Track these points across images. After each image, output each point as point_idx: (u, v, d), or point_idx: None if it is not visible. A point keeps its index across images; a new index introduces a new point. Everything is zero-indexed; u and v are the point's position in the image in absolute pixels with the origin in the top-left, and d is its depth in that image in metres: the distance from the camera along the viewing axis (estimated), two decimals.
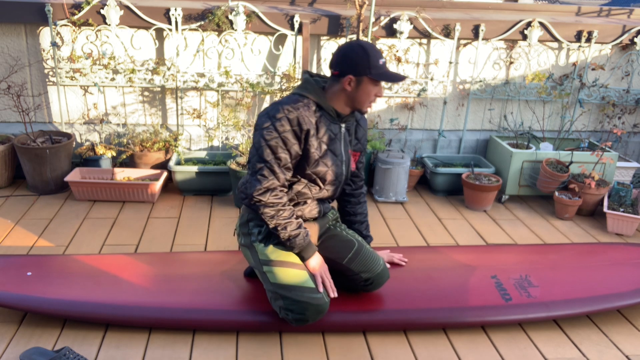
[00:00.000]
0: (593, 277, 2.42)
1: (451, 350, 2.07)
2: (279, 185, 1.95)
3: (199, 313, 2.08)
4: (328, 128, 1.99)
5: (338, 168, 2.05)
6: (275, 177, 1.92)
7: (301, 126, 1.90)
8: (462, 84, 3.83)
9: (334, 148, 2.02)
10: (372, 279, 2.15)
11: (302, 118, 1.90)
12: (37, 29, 3.37)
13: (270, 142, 1.89)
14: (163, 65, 3.45)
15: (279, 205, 1.94)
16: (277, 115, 1.89)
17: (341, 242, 2.17)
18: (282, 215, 1.95)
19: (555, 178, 3.38)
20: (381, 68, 1.92)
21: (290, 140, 1.91)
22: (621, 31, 3.77)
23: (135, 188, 3.23)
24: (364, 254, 2.15)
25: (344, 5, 3.72)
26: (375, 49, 1.92)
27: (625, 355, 2.10)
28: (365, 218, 2.34)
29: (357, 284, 2.16)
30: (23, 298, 2.07)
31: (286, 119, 1.89)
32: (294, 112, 1.89)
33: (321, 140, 1.98)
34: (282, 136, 1.89)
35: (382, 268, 2.18)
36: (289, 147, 1.91)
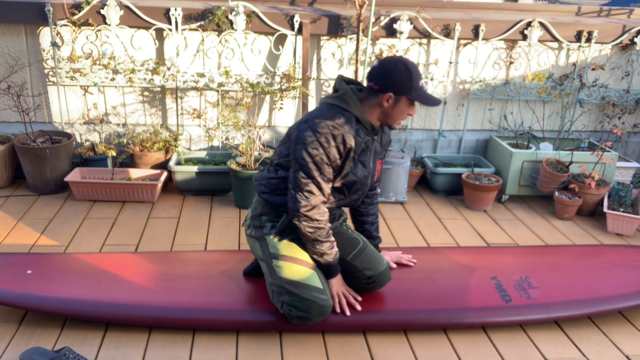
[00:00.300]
0: (593, 278, 2.42)
1: (451, 351, 2.07)
2: (325, 202, 1.99)
3: (199, 312, 2.08)
4: (362, 141, 1.99)
5: (365, 179, 2.06)
6: (322, 193, 1.96)
7: (345, 144, 1.93)
8: (462, 84, 3.83)
9: (364, 160, 2.02)
10: (375, 277, 2.16)
11: (347, 136, 1.92)
12: (37, 29, 3.37)
13: (316, 159, 1.91)
14: (163, 65, 3.45)
15: (322, 222, 1.98)
16: (322, 131, 1.90)
17: (346, 239, 2.20)
18: (322, 233, 1.99)
19: (555, 178, 3.38)
20: (421, 90, 1.95)
21: (334, 156, 1.92)
22: (621, 31, 3.77)
23: (135, 188, 3.23)
24: (368, 253, 2.19)
25: (344, 5, 3.72)
26: (417, 69, 1.94)
27: (625, 355, 2.10)
28: (375, 219, 2.37)
29: (359, 281, 2.17)
30: (23, 296, 2.07)
31: (331, 136, 1.90)
32: (338, 130, 1.90)
33: (356, 154, 1.99)
34: (327, 152, 1.91)
35: (385, 268, 2.20)
36: (332, 162, 1.94)
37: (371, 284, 2.18)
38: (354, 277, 2.17)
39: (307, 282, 2.00)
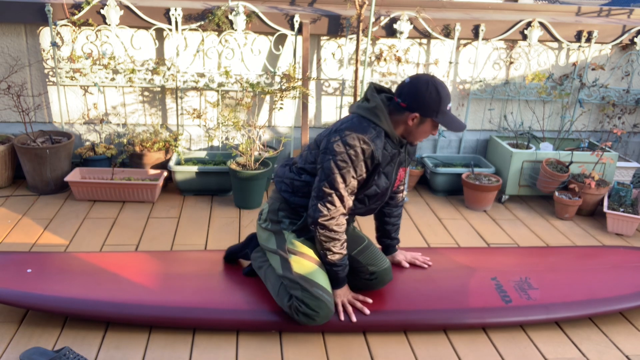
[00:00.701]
0: (592, 279, 2.42)
1: (451, 351, 2.07)
2: (343, 213, 1.99)
3: (199, 312, 2.08)
4: (389, 154, 2.00)
5: (386, 190, 2.07)
6: (343, 206, 1.97)
7: (373, 159, 1.94)
8: (462, 84, 3.83)
9: (388, 171, 2.03)
10: (377, 274, 2.18)
11: (377, 152, 1.93)
12: (37, 29, 3.37)
13: (343, 171, 1.92)
14: (163, 65, 3.45)
15: (339, 233, 2.00)
16: (351, 144, 1.90)
17: (352, 236, 2.23)
18: (337, 244, 2.01)
19: (555, 178, 3.38)
20: (447, 114, 1.96)
21: (361, 169, 1.94)
22: (621, 31, 3.77)
23: (135, 188, 3.23)
24: (372, 250, 2.22)
25: (344, 5, 3.72)
26: (447, 92, 1.94)
27: (625, 355, 2.10)
28: (397, 222, 2.40)
29: (362, 277, 2.19)
30: (23, 295, 2.07)
31: (361, 150, 1.91)
32: (368, 145, 1.91)
33: (381, 167, 2.00)
34: (355, 165, 1.92)
35: (388, 266, 2.23)
36: (358, 176, 1.95)
37: (373, 281, 2.20)
38: (358, 273, 2.19)
39: (321, 283, 2.02)
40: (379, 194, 2.05)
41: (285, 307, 2.05)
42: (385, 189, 2.06)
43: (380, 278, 2.20)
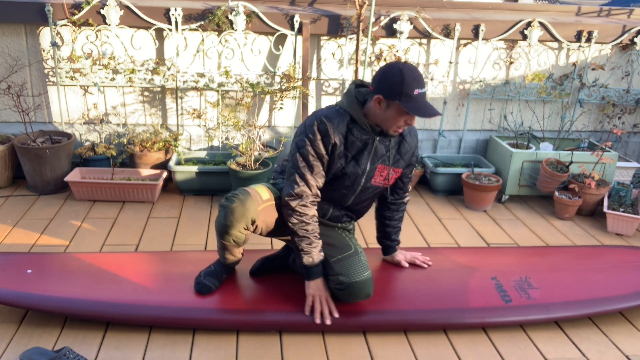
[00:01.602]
0: (593, 279, 2.42)
1: (451, 351, 2.07)
2: (310, 195, 2.01)
3: (199, 312, 2.08)
4: (356, 139, 2.01)
5: (355, 176, 2.06)
6: (306, 185, 1.99)
7: (329, 138, 1.97)
8: (462, 84, 3.83)
9: (358, 158, 2.04)
10: (346, 285, 2.04)
11: (332, 131, 1.97)
12: (37, 29, 3.37)
13: (302, 150, 1.98)
14: (163, 65, 3.45)
15: (304, 216, 2.01)
16: (310, 124, 1.98)
17: (340, 242, 2.17)
18: (304, 227, 2.01)
19: (555, 178, 3.38)
20: (413, 99, 1.89)
21: (319, 149, 1.98)
22: (621, 31, 3.77)
23: (135, 188, 3.23)
24: (353, 261, 2.10)
25: (344, 5, 3.72)
26: (414, 76, 1.88)
27: (625, 355, 2.10)
28: (398, 224, 2.40)
29: (331, 285, 2.09)
30: (23, 295, 2.07)
31: (317, 129, 1.97)
32: (325, 124, 1.96)
33: (348, 152, 2.01)
34: (314, 145, 1.97)
35: (363, 281, 2.05)
36: (320, 156, 1.98)
37: (341, 292, 2.06)
38: (328, 280, 2.10)
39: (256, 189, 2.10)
40: (346, 177, 2.04)
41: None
42: (354, 174, 2.05)
43: (348, 290, 2.05)
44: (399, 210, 2.37)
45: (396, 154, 2.13)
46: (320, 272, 2.09)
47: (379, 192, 2.20)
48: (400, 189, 2.32)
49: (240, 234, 2.06)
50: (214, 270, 2.24)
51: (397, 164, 2.15)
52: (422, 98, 1.91)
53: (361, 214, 2.30)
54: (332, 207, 2.18)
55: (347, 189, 2.09)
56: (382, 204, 2.38)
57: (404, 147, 2.15)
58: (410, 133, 2.18)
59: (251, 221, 2.03)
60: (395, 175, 2.18)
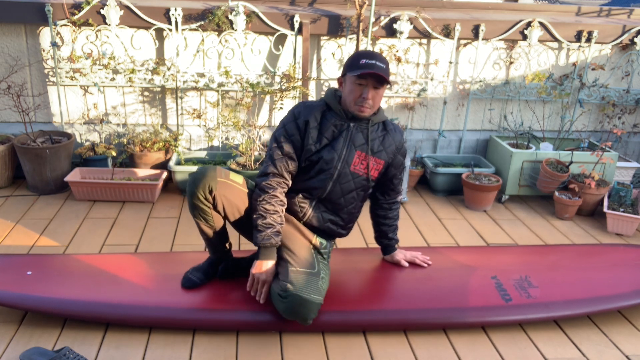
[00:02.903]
0: (593, 278, 2.42)
1: (451, 351, 2.07)
2: (277, 174, 2.07)
3: (199, 312, 2.08)
4: (333, 125, 2.09)
5: (331, 161, 2.08)
6: (274, 165, 2.07)
7: (302, 117, 2.07)
8: (462, 84, 3.83)
9: (334, 143, 2.09)
10: (289, 295, 1.92)
11: (306, 111, 2.08)
12: (37, 29, 3.37)
13: (276, 134, 2.10)
14: (163, 65, 3.45)
15: (266, 194, 2.05)
16: (289, 112, 2.12)
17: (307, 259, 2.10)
18: (264, 205, 2.04)
19: (555, 178, 3.38)
20: (360, 66, 1.97)
21: (291, 130, 2.07)
22: (621, 31, 3.77)
23: (135, 188, 3.23)
24: (311, 280, 2.00)
25: (344, 5, 3.72)
26: (364, 52, 2.02)
27: (625, 355, 2.10)
28: (393, 222, 2.41)
29: (275, 289, 1.99)
30: (23, 297, 2.07)
31: (292, 113, 2.10)
32: (300, 107, 2.10)
33: (323, 136, 2.08)
34: (286, 127, 2.08)
35: (309, 300, 1.93)
36: (290, 136, 2.07)
37: (281, 300, 1.95)
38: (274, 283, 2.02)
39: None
40: (321, 161, 2.07)
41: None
42: (329, 159, 2.07)
43: (289, 300, 1.92)
44: (392, 209, 2.38)
45: (380, 145, 2.15)
46: (270, 255, 2.05)
47: (361, 184, 2.15)
48: (392, 190, 2.33)
49: (202, 206, 2.05)
50: (201, 266, 2.28)
51: (379, 154, 2.16)
52: (368, 65, 1.96)
53: (347, 217, 2.21)
54: (312, 204, 2.15)
55: (325, 173, 2.09)
56: (375, 203, 2.39)
57: (388, 139, 2.18)
58: (395, 129, 2.21)
59: (208, 189, 2.02)
60: (378, 166, 2.16)
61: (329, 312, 2.10)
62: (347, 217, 2.23)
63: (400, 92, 3.74)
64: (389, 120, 2.23)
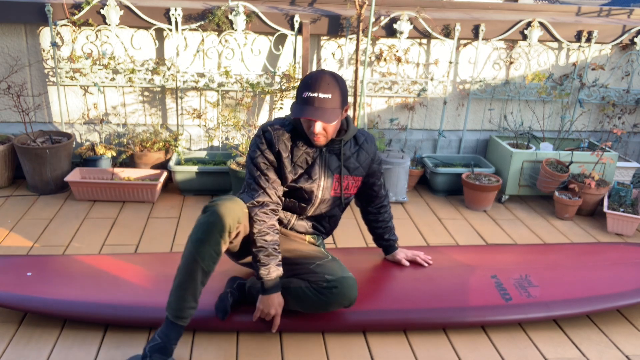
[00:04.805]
0: (593, 276, 2.42)
1: (451, 350, 2.07)
2: (270, 202, 1.98)
3: (199, 313, 2.07)
4: (305, 152, 2.02)
5: (311, 190, 2.05)
6: (265, 192, 1.97)
7: (272, 147, 1.99)
8: (462, 84, 3.83)
9: (310, 172, 2.03)
10: (336, 282, 1.95)
11: (275, 139, 1.98)
12: (37, 29, 3.37)
13: (254, 160, 1.99)
14: (163, 65, 3.45)
15: (264, 224, 1.94)
16: (258, 135, 2.01)
17: (314, 251, 2.13)
18: (262, 237, 1.94)
19: (555, 178, 3.38)
20: (301, 101, 1.88)
21: (270, 157, 1.99)
22: (621, 31, 3.77)
23: (135, 188, 3.23)
24: (335, 264, 2.05)
25: (344, 5, 3.72)
26: (310, 81, 1.88)
27: (625, 355, 2.10)
28: (387, 224, 2.40)
29: (316, 289, 1.97)
30: (23, 298, 2.07)
31: (264, 138, 1.99)
32: (270, 133, 1.99)
33: (296, 164, 2.01)
34: (263, 154, 1.99)
35: (350, 277, 2.00)
36: (270, 163, 1.99)
37: (331, 290, 1.95)
38: (314, 284, 1.99)
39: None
40: (302, 191, 2.04)
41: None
42: (309, 188, 2.04)
43: (340, 287, 1.94)
44: (380, 213, 2.37)
45: (355, 162, 2.12)
46: (276, 288, 1.96)
47: (340, 201, 2.16)
48: (375, 197, 2.32)
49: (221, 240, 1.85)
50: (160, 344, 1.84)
51: (356, 172, 2.13)
52: (309, 101, 1.87)
53: (329, 225, 2.24)
54: (295, 217, 2.15)
55: (306, 202, 2.08)
56: (364, 211, 2.39)
57: (362, 154, 2.14)
58: (367, 139, 2.17)
59: (238, 223, 1.89)
60: (356, 183, 2.16)
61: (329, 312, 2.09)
62: (328, 225, 2.25)
63: (400, 92, 3.74)
64: (360, 132, 2.17)
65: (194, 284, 1.86)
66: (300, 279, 2.01)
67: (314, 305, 2.00)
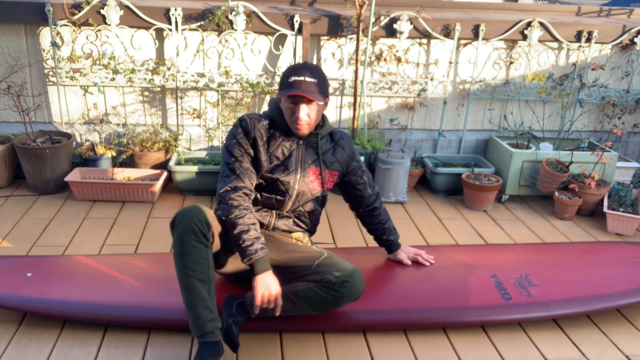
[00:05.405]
0: (593, 276, 2.42)
1: (451, 350, 2.07)
2: (244, 186, 1.98)
3: None
4: (282, 144, 2.05)
5: (289, 184, 2.06)
6: (238, 178, 1.98)
7: (248, 134, 2.01)
8: (462, 84, 3.83)
9: (287, 163, 2.05)
10: (345, 277, 1.93)
11: (252, 127, 2.01)
12: (37, 29, 3.37)
13: (229, 148, 2.02)
14: (163, 65, 3.45)
15: (240, 207, 1.92)
16: (236, 124, 2.05)
17: (308, 250, 2.10)
18: (240, 218, 1.91)
19: (555, 178, 3.38)
20: (288, 85, 1.93)
21: (244, 145, 2.01)
22: (621, 31, 3.77)
23: (135, 188, 3.23)
24: (335, 259, 2.03)
25: (344, 5, 3.72)
26: (296, 67, 1.95)
27: (625, 355, 2.10)
28: (384, 226, 2.38)
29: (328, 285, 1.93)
30: (23, 299, 2.07)
31: (240, 126, 2.03)
32: (246, 121, 2.03)
33: (272, 154, 2.03)
34: (238, 140, 2.01)
35: (355, 269, 1.98)
36: (245, 150, 2.01)
37: (345, 284, 1.92)
38: (322, 283, 1.95)
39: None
40: (278, 182, 2.04)
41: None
42: (286, 181, 2.04)
43: (351, 280, 1.92)
44: (374, 215, 2.35)
45: (332, 157, 2.14)
46: (266, 266, 1.89)
47: (317, 195, 2.15)
48: (361, 197, 2.31)
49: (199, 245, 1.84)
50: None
51: (332, 166, 2.15)
52: (295, 84, 1.92)
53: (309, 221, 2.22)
54: (274, 215, 2.14)
55: (283, 194, 2.08)
56: (357, 215, 2.39)
57: (338, 150, 2.16)
58: (343, 137, 2.20)
59: (205, 223, 1.85)
60: (332, 178, 2.17)
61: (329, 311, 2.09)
62: (309, 221, 2.23)
63: (400, 92, 3.74)
64: (335, 130, 2.21)
65: (199, 297, 1.84)
66: (304, 282, 1.98)
67: (326, 303, 1.95)
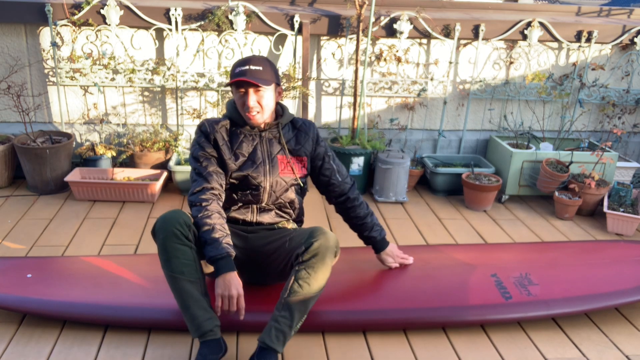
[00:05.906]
0: (593, 274, 2.42)
1: (451, 350, 2.07)
2: (211, 187, 2.00)
3: None
4: (244, 139, 2.08)
5: (259, 177, 2.07)
6: (204, 179, 2.00)
7: (209, 136, 2.05)
8: (462, 84, 3.83)
9: (253, 157, 2.07)
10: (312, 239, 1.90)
11: (210, 129, 2.05)
12: (37, 29, 3.37)
13: (194, 154, 2.05)
14: (163, 65, 3.45)
15: (205, 209, 1.92)
16: (196, 131, 2.08)
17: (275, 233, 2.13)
18: (205, 219, 1.90)
19: (555, 178, 3.38)
20: (234, 74, 1.98)
21: (206, 148, 2.04)
22: (621, 31, 3.77)
23: (135, 188, 3.23)
24: (300, 230, 2.07)
25: (344, 5, 3.72)
26: (243, 59, 2.00)
27: (625, 355, 2.10)
28: (364, 220, 2.28)
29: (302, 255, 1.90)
30: (23, 300, 2.07)
31: (200, 131, 2.07)
32: (205, 125, 2.06)
33: (237, 151, 2.06)
34: (200, 144, 2.04)
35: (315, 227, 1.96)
36: (209, 153, 2.04)
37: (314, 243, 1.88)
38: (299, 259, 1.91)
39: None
40: (249, 177, 2.05)
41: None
42: (255, 174, 2.05)
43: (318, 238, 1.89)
44: (347, 208, 2.27)
45: (296, 144, 2.15)
46: (229, 267, 1.84)
47: (292, 182, 2.14)
48: (332, 185, 2.24)
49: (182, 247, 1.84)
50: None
51: (298, 152, 2.15)
52: (241, 73, 1.96)
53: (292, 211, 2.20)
54: (254, 210, 2.14)
55: (256, 189, 2.08)
56: (336, 208, 2.33)
57: (301, 136, 2.17)
58: (304, 123, 2.20)
59: (186, 224, 1.86)
60: (303, 163, 2.16)
61: (329, 311, 2.10)
62: (291, 211, 2.21)
63: (400, 92, 3.74)
64: (297, 118, 2.21)
65: (192, 299, 1.85)
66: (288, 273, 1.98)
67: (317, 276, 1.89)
